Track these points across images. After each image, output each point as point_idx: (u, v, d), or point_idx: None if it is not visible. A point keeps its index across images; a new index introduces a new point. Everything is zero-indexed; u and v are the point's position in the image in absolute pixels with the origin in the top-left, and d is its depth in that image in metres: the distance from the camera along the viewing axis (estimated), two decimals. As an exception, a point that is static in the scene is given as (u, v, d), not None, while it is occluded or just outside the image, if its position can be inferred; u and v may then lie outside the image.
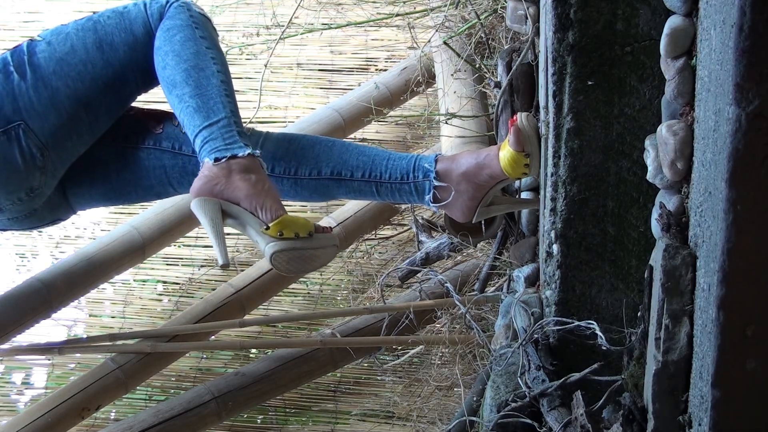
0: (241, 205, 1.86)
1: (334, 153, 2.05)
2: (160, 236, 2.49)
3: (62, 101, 1.97)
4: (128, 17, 2.02)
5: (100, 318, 2.91)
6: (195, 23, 2.00)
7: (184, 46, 1.97)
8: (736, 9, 1.20)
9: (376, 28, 3.17)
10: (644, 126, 1.69)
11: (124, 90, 2.03)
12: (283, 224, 1.84)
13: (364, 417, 2.74)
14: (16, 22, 3.41)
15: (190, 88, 1.94)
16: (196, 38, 1.99)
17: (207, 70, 1.96)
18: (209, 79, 1.95)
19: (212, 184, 1.87)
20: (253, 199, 1.85)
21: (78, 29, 2.01)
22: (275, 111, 3.13)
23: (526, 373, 1.76)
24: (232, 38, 2.99)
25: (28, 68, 1.97)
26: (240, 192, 1.86)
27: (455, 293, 2.20)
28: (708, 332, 1.31)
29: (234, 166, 1.87)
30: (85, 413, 2.31)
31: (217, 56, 2.00)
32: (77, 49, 1.99)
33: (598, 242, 1.77)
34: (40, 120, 1.96)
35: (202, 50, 1.98)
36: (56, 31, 2.02)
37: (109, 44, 2.00)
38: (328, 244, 1.88)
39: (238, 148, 1.89)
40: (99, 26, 2.01)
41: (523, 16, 1.99)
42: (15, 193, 2.00)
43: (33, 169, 1.98)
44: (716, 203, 1.28)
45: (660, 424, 1.43)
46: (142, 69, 2.02)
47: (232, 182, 1.86)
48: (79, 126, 2.00)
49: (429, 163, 2.01)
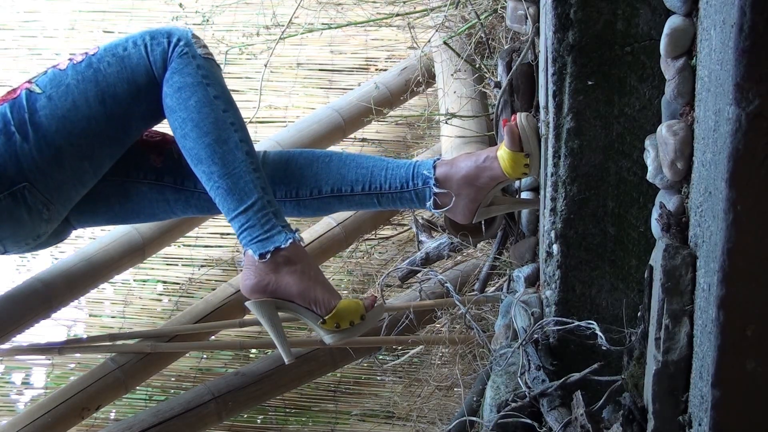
0: (295, 302, 1.88)
1: (332, 169, 2.05)
2: (160, 236, 2.49)
3: (66, 159, 1.96)
4: (129, 64, 1.96)
5: (100, 318, 2.91)
6: (204, 77, 1.95)
7: (202, 113, 1.92)
8: (736, 9, 1.20)
9: (376, 28, 3.17)
10: (644, 126, 1.69)
11: (127, 138, 2.01)
12: (338, 317, 1.87)
13: (364, 417, 2.73)
14: (16, 22, 3.41)
15: (217, 167, 1.90)
16: (210, 101, 1.93)
17: (230, 141, 1.92)
18: (234, 154, 1.91)
19: (263, 284, 1.88)
20: (306, 294, 1.87)
21: (78, 81, 1.96)
22: (275, 111, 3.13)
23: (526, 373, 1.76)
24: (232, 38, 2.99)
25: (30, 128, 1.93)
26: (292, 288, 1.87)
27: (455, 293, 2.20)
28: (708, 332, 1.31)
29: (280, 259, 1.87)
30: (85, 413, 2.31)
31: (234, 117, 1.95)
32: (79, 106, 1.95)
33: (598, 242, 1.77)
34: (45, 179, 1.95)
35: (220, 117, 1.93)
36: (56, 82, 1.96)
37: (112, 96, 1.95)
38: (377, 320, 1.95)
39: (278, 237, 1.88)
40: (100, 76, 1.96)
41: (523, 16, 1.99)
42: (22, 241, 2.05)
43: (39, 221, 2.00)
44: (716, 203, 1.28)
45: (660, 424, 1.43)
46: (145, 117, 2.00)
47: (281, 279, 1.87)
48: (83, 177, 2.00)
49: (428, 170, 2.01)
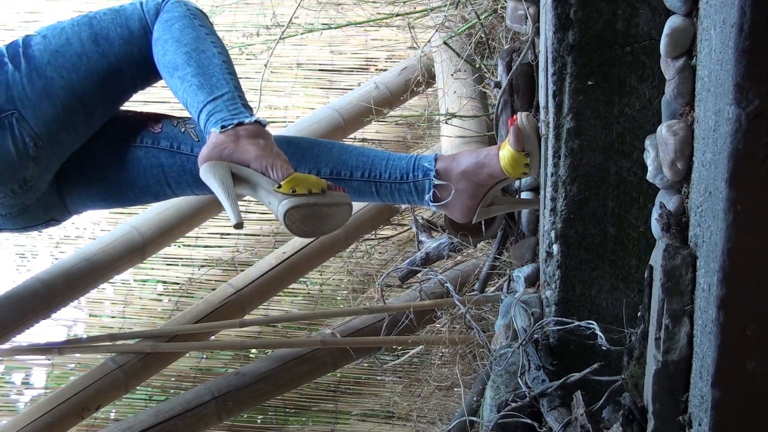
0: (251, 166, 1.85)
1: (333, 153, 2.04)
2: (160, 236, 2.49)
3: (56, 92, 1.98)
4: (124, 13, 2.03)
5: (100, 318, 2.91)
6: (192, 15, 2.03)
7: (183, 32, 1.99)
8: (736, 9, 1.20)
9: (376, 28, 3.17)
10: (644, 126, 1.69)
11: (119, 83, 2.04)
12: (295, 181, 1.82)
13: (364, 417, 2.74)
14: (16, 22, 3.41)
15: (191, 68, 1.95)
16: (194, 26, 2.01)
17: (207, 51, 1.98)
18: (210, 59, 1.97)
19: (220, 149, 1.86)
20: (263, 159, 1.84)
21: (74, 24, 2.03)
22: (275, 111, 3.13)
23: (526, 373, 1.76)
24: (232, 38, 2.99)
25: (23, 59, 1.98)
26: (249, 154, 1.85)
27: (455, 293, 2.20)
28: (708, 332, 1.31)
29: (242, 132, 1.88)
30: (85, 413, 2.31)
31: (217, 41, 2.02)
32: (72, 42, 2.00)
33: (598, 242, 1.77)
34: (34, 110, 1.96)
35: (202, 35, 2.00)
36: (52, 27, 2.04)
37: (105, 37, 2.01)
38: (341, 201, 1.85)
39: (244, 116, 1.90)
40: (95, 21, 2.03)
41: (523, 16, 1.99)
42: (8, 185, 1.99)
43: (26, 159, 1.96)
44: (716, 203, 1.28)
45: (660, 424, 1.43)
46: (137, 63, 2.03)
47: (240, 146, 1.86)
48: (73, 118, 2.00)
49: (429, 162, 2.01)
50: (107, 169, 2.07)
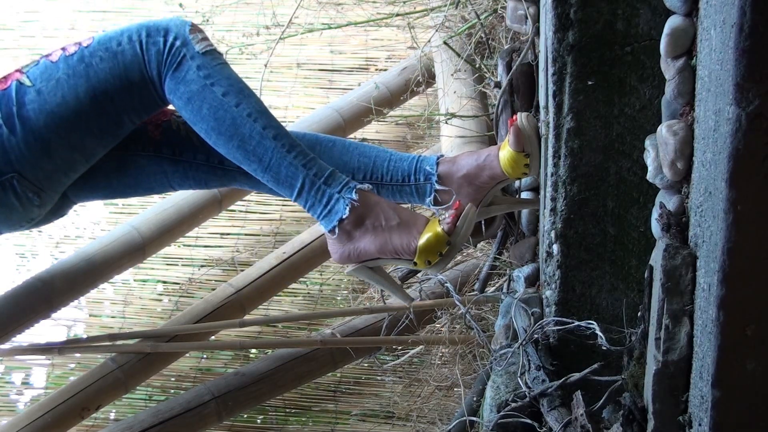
0: (381, 259, 1.89)
1: (335, 154, 2.04)
2: (160, 236, 2.48)
3: (55, 149, 1.94)
4: (123, 61, 1.92)
5: (100, 318, 2.91)
6: (207, 77, 1.91)
7: (218, 119, 1.89)
8: (736, 9, 1.20)
9: (376, 28, 3.16)
10: (644, 126, 1.69)
11: (119, 130, 1.99)
12: (425, 255, 1.85)
13: (364, 417, 2.74)
14: (16, 22, 3.41)
15: (255, 164, 1.90)
16: (220, 101, 1.90)
17: (254, 135, 1.89)
18: (263, 144, 1.89)
19: (346, 254, 1.89)
20: (384, 249, 1.87)
21: (69, 75, 1.92)
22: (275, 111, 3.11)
23: (526, 373, 1.76)
24: (232, 38, 2.99)
25: (17, 121, 1.91)
26: (370, 249, 1.88)
27: (455, 293, 2.20)
28: (708, 332, 1.31)
29: (347, 227, 1.87)
30: (85, 413, 2.31)
31: (249, 107, 1.91)
32: (69, 101, 1.92)
33: (598, 242, 1.77)
34: (34, 169, 1.94)
35: (236, 114, 1.90)
36: (46, 76, 1.93)
37: (103, 93, 1.92)
38: (468, 228, 1.87)
39: (337, 207, 1.88)
40: (91, 72, 1.92)
41: (523, 16, 1.99)
42: (16, 226, 2.05)
43: (30, 207, 2.00)
44: (716, 203, 1.28)
45: (660, 424, 1.43)
46: (137, 110, 1.97)
47: (357, 244, 1.88)
48: (74, 165, 1.99)
49: (431, 166, 2.01)
50: (110, 177, 2.07)
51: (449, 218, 1.85)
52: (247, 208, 2.94)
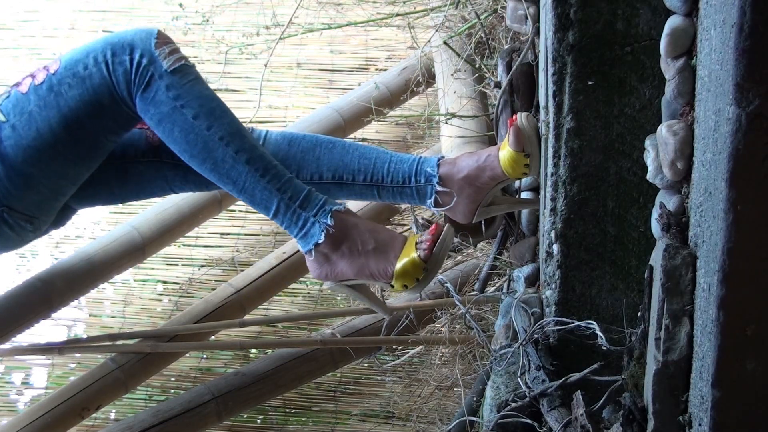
0: (357, 280, 1.89)
1: (335, 156, 2.04)
2: (160, 236, 2.49)
3: (39, 182, 1.94)
4: (91, 85, 1.89)
5: (100, 318, 2.91)
6: (176, 98, 1.87)
7: (189, 142, 1.87)
8: (736, 9, 1.20)
9: (376, 28, 3.16)
10: (644, 126, 1.69)
11: (101, 151, 1.98)
12: (401, 280, 1.86)
13: (364, 417, 2.74)
14: (16, 21, 3.41)
15: (230, 186, 1.89)
16: (191, 125, 1.86)
17: (227, 158, 1.86)
18: (236, 169, 1.87)
19: (324, 274, 1.90)
20: (361, 272, 1.88)
21: (41, 108, 1.89)
22: (275, 111, 3.13)
23: (526, 373, 1.76)
24: (232, 38, 2.99)
25: None
26: (347, 272, 1.88)
27: (455, 293, 2.20)
28: (708, 332, 1.31)
29: (324, 249, 1.87)
30: (85, 413, 2.31)
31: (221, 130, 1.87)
32: (43, 134, 1.90)
33: (598, 242, 1.77)
34: (21, 200, 1.95)
35: (207, 137, 1.87)
36: (18, 109, 1.91)
37: (76, 121, 1.90)
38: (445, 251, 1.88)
39: (313, 230, 1.87)
40: (62, 101, 1.89)
41: (523, 16, 1.99)
42: (16, 248, 2.08)
43: (25, 234, 2.02)
44: (716, 203, 1.28)
45: (660, 424, 1.43)
46: (114, 130, 1.95)
47: (335, 266, 1.88)
48: (62, 190, 1.99)
49: (432, 168, 2.00)
50: (111, 184, 2.07)
51: (426, 243, 1.84)
52: (247, 208, 2.94)
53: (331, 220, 1.87)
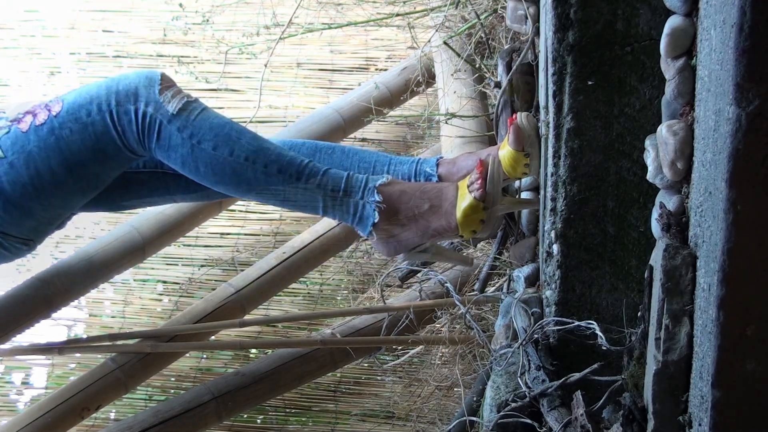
0: (424, 244, 1.89)
1: (334, 161, 2.04)
2: (160, 236, 2.49)
3: (37, 212, 1.95)
4: (94, 131, 1.88)
5: (100, 318, 2.91)
6: (191, 137, 1.87)
7: (217, 173, 1.87)
8: (736, 9, 1.20)
9: (376, 28, 3.16)
10: (644, 126, 1.69)
11: (100, 185, 2.00)
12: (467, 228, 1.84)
13: (364, 417, 2.74)
14: (16, 21, 3.41)
15: (273, 200, 1.90)
16: (213, 157, 1.86)
17: (259, 177, 1.87)
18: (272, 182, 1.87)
19: (393, 250, 1.90)
20: (425, 235, 1.87)
21: (41, 149, 1.88)
22: (275, 111, 3.13)
23: (526, 373, 1.76)
24: (232, 38, 2.99)
25: None
26: (413, 239, 1.88)
27: (455, 293, 2.20)
28: (708, 332, 1.31)
29: (383, 226, 1.87)
30: (85, 413, 2.31)
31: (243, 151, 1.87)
32: (43, 174, 1.90)
33: (598, 242, 1.77)
34: (18, 228, 1.96)
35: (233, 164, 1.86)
36: (18, 147, 1.90)
37: (77, 163, 1.90)
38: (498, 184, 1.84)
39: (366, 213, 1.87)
40: (63, 144, 1.88)
41: (523, 16, 1.99)
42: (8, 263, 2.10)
43: (22, 253, 2.05)
44: (716, 203, 1.28)
45: (660, 424, 1.43)
46: (116, 169, 1.96)
47: (399, 240, 1.88)
48: (59, 218, 2.03)
49: (431, 168, 2.01)
50: (113, 194, 2.08)
51: (478, 182, 1.82)
52: (247, 208, 2.94)
53: (379, 196, 1.86)
